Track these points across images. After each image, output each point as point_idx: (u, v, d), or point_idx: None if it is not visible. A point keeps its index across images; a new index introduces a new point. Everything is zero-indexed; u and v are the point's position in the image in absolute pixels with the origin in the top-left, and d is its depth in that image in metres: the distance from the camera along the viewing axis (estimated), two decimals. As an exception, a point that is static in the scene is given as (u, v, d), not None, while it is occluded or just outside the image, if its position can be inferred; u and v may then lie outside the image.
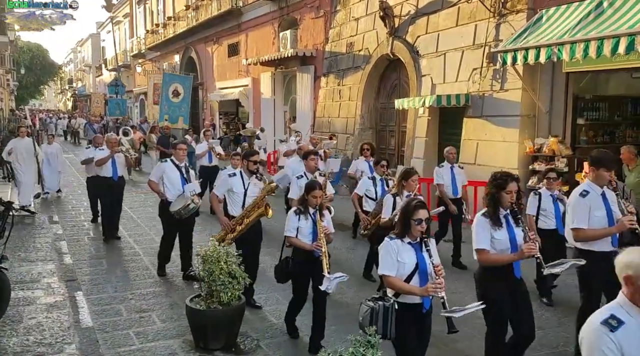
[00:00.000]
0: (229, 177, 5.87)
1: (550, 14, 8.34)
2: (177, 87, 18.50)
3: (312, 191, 4.80)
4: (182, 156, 6.95)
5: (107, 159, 8.71)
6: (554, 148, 8.55)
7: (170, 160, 6.96)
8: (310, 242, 4.80)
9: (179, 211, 6.57)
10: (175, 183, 6.80)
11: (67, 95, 72.65)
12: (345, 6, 14.73)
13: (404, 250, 3.58)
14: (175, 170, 6.87)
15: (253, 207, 5.68)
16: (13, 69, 36.35)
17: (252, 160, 5.88)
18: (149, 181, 7.07)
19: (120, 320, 5.62)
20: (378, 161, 7.10)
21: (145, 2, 33.22)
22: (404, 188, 5.69)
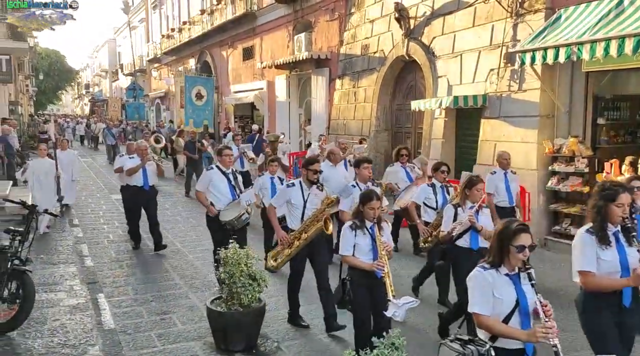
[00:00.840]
0: (287, 187, 5.46)
1: (569, 14, 8.26)
2: (199, 89, 18.11)
3: (369, 202, 4.27)
4: (228, 162, 6.53)
5: (137, 168, 8.30)
6: (573, 149, 8.45)
7: (216, 166, 6.53)
8: (369, 260, 4.28)
9: (231, 221, 6.11)
10: (223, 192, 6.39)
11: (84, 100, 73.64)
12: (360, 8, 14.73)
13: (501, 283, 2.93)
14: (222, 177, 6.44)
15: (312, 221, 5.24)
16: (32, 75, 36.89)
17: (312, 169, 5.36)
18: (196, 192, 6.63)
19: (142, 322, 5.67)
20: (438, 167, 6.46)
21: (161, 7, 33.56)
22: (467, 198, 5.09)
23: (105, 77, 57.36)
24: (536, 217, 8.81)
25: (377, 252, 4.26)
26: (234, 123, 24.22)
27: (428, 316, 5.63)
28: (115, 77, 50.84)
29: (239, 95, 22.76)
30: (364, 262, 4.28)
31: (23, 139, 22.25)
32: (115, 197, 13.72)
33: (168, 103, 34.05)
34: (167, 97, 33.71)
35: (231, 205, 6.31)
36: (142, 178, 8.40)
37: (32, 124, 30.72)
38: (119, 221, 10.79)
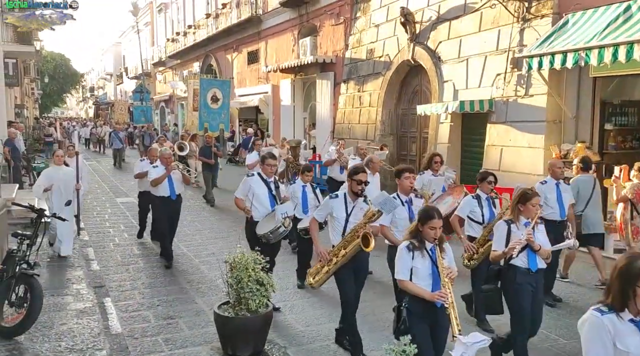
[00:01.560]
0: (330, 199, 5.02)
1: (576, 19, 8.25)
2: (215, 92, 17.00)
3: (429, 221, 3.77)
4: (270, 171, 6.09)
5: (162, 178, 7.77)
6: (581, 154, 8.41)
7: (258, 174, 6.10)
8: (429, 287, 3.77)
9: (267, 235, 5.70)
10: (263, 202, 5.95)
11: (89, 103, 73.90)
12: (366, 13, 14.75)
13: (625, 331, 2.40)
14: (262, 186, 6.01)
15: (352, 236, 4.77)
16: (37, 78, 37.04)
17: (357, 180, 4.86)
18: (235, 199, 6.20)
19: (149, 327, 5.67)
20: (484, 177, 5.82)
21: (166, 11, 33.70)
22: (520, 214, 4.55)
23: (110, 80, 57.58)
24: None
25: (439, 278, 3.75)
26: (238, 126, 24.27)
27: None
28: (119, 81, 51.02)
29: (243, 99, 22.81)
30: (423, 290, 3.77)
31: (29, 142, 22.30)
32: (120, 200, 13.76)
33: (172, 107, 34.16)
34: (172, 101, 33.82)
35: (269, 217, 5.88)
36: (168, 188, 7.88)
37: (38, 127, 30.80)
38: (125, 224, 10.80)
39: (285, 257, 8.46)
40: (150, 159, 8.94)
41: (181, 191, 8.14)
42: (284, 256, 8.60)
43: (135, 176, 9.38)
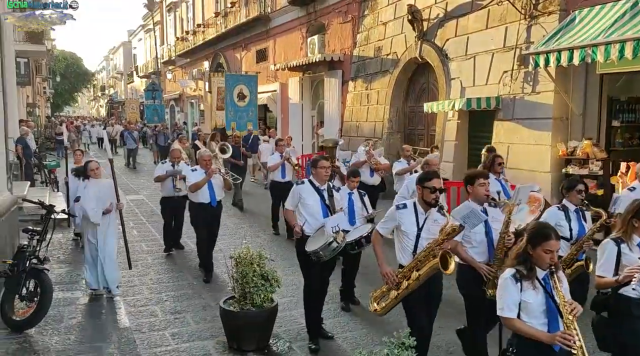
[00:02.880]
0: (397, 209, 4.21)
1: (583, 15, 8.22)
2: (242, 88, 16.08)
3: (544, 242, 3.04)
4: (324, 176, 5.21)
5: (202, 183, 7.10)
6: (587, 151, 8.40)
7: (309, 181, 5.27)
8: (544, 326, 3.03)
9: (317, 251, 4.90)
10: (314, 213, 5.14)
11: (100, 102, 74.51)
12: (373, 10, 14.76)
13: None
14: (314, 194, 5.17)
15: (426, 255, 4.02)
16: (49, 77, 37.49)
17: (430, 187, 4.09)
18: (285, 211, 5.43)
19: (156, 321, 5.76)
20: (573, 185, 4.91)
21: (176, 10, 33.88)
22: (634, 231, 3.78)
23: (121, 79, 58.04)
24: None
25: (558, 315, 2.98)
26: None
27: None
28: (130, 79, 51.41)
29: (252, 97, 22.87)
30: (540, 331, 3.01)
31: (40, 141, 22.58)
32: (130, 197, 13.90)
33: (182, 105, 34.37)
34: (182, 99, 34.03)
35: (320, 231, 5.10)
36: (208, 194, 7.22)
37: (49, 126, 31.16)
38: (134, 222, 10.92)
39: (291, 252, 8.52)
40: (172, 161, 8.33)
41: (222, 197, 7.46)
42: (289, 251, 8.69)
43: (155, 179, 8.55)
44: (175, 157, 8.40)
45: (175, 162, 8.28)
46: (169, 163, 8.38)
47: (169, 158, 8.54)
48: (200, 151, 7.84)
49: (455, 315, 5.30)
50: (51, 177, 14.00)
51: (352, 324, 5.71)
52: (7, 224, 6.93)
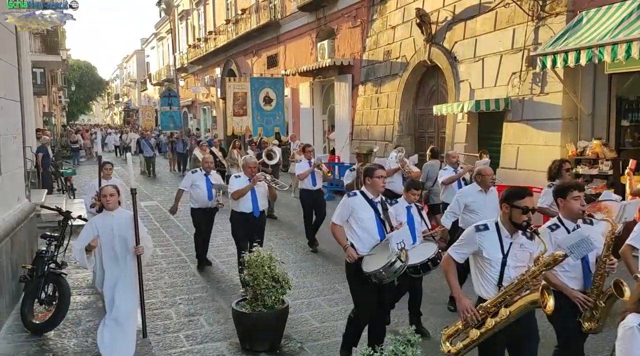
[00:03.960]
0: (476, 230, 3.51)
1: (590, 16, 8.24)
2: (268, 92, 15.26)
3: None
4: (381, 187, 4.63)
5: (246, 191, 6.66)
6: (597, 151, 8.41)
7: (361, 193, 4.67)
8: None
9: (378, 273, 4.30)
10: (369, 229, 4.55)
11: (114, 110, 75.42)
12: (382, 15, 14.87)
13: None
14: (368, 208, 4.59)
15: (518, 288, 3.35)
16: (64, 86, 38.08)
17: (521, 206, 3.37)
18: (332, 226, 4.73)
19: (171, 323, 5.89)
20: None
21: (187, 18, 34.29)
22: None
23: (134, 87, 58.75)
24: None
25: None
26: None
27: None
28: (143, 87, 52.01)
29: (263, 103, 23.06)
30: None
31: (57, 149, 22.95)
32: (144, 203, 14.11)
33: (195, 112, 34.73)
34: (194, 106, 34.39)
35: (378, 248, 4.51)
36: (251, 203, 6.75)
37: (65, 134, 31.66)
38: (149, 227, 11.07)
39: (302, 256, 8.65)
40: (204, 170, 7.93)
41: (265, 207, 6.98)
42: (301, 255, 8.81)
43: (180, 189, 8.06)
44: (208, 166, 7.99)
45: (208, 170, 7.92)
46: (201, 172, 7.94)
47: (201, 167, 8.09)
48: (246, 157, 7.21)
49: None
50: (67, 184, 14.28)
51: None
52: (26, 230, 7.12)
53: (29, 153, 11.81)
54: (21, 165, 8.01)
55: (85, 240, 4.53)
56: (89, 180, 18.72)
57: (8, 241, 5.95)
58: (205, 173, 7.89)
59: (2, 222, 5.95)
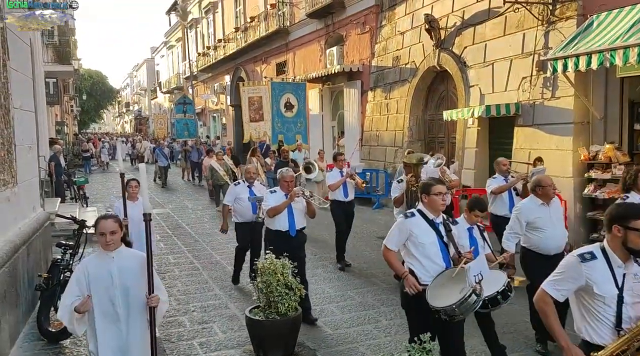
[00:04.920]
0: (582, 261, 2.87)
1: (601, 20, 8.21)
2: (289, 98, 14.42)
3: None
4: (440, 205, 3.97)
5: (283, 207, 5.98)
6: (610, 155, 8.34)
7: (418, 211, 4.03)
8: None
9: (449, 309, 3.67)
10: (430, 254, 3.92)
11: (125, 118, 76.05)
12: (391, 21, 14.91)
13: None
14: (428, 230, 3.96)
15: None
16: (76, 95, 38.48)
17: (637, 227, 2.77)
18: (384, 250, 4.09)
19: (184, 331, 5.92)
20: None
21: (197, 26, 34.58)
22: None
23: (144, 95, 59.24)
24: (573, 225, 8.70)
25: None
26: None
27: None
28: (153, 95, 52.44)
29: (273, 110, 23.15)
30: None
31: (69, 158, 23.15)
32: (156, 211, 14.21)
33: (205, 119, 34.93)
34: (204, 113, 34.59)
35: (444, 277, 3.88)
36: (287, 220, 6.06)
37: (77, 143, 31.97)
38: (161, 235, 11.17)
39: (314, 262, 8.65)
40: (247, 181, 7.40)
41: (303, 225, 6.22)
42: (312, 262, 8.81)
43: (224, 203, 7.56)
44: (250, 176, 7.38)
45: (251, 182, 7.37)
46: (244, 183, 7.41)
47: (243, 177, 7.60)
48: (282, 170, 6.38)
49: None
50: (80, 192, 14.42)
51: (375, 332, 5.78)
52: (41, 239, 7.20)
53: (43, 163, 11.96)
54: (36, 174, 8.12)
55: (74, 295, 3.37)
56: (100, 188, 19.04)
57: (24, 250, 6.02)
58: (249, 184, 7.34)
59: (18, 230, 6.03)
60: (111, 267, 3.41)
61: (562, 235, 5.11)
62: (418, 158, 7.57)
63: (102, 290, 3.39)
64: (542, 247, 5.01)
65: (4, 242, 5.39)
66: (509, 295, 4.22)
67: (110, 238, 3.39)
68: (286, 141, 14.10)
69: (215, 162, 14.50)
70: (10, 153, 5.87)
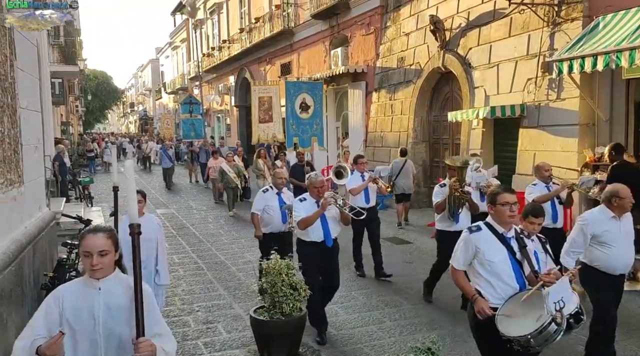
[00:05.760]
0: None
1: (607, 21, 8.18)
2: (304, 98, 13.68)
3: None
4: (509, 217, 3.53)
5: (315, 217, 5.52)
6: (616, 157, 8.31)
7: (486, 224, 3.61)
8: None
9: (523, 339, 3.24)
10: (502, 274, 3.47)
11: (130, 118, 76.29)
12: (396, 22, 14.91)
13: None
14: (498, 246, 3.52)
15: None
16: (81, 96, 38.64)
17: None
18: (452, 271, 3.70)
19: (189, 331, 5.94)
20: None
21: (202, 27, 34.67)
22: None
23: (149, 95, 59.41)
24: None
25: None
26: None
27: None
28: (158, 96, 52.58)
29: (277, 110, 23.18)
30: None
31: (74, 158, 23.23)
32: (160, 211, 14.26)
33: (209, 120, 34.99)
34: (208, 114, 34.65)
35: (517, 301, 3.40)
36: (321, 230, 5.61)
37: (82, 143, 32.09)
38: (165, 234, 11.14)
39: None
40: (276, 187, 6.74)
41: (337, 234, 5.77)
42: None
43: (253, 214, 6.72)
44: (280, 182, 6.73)
45: (280, 189, 6.73)
46: (273, 190, 6.73)
47: (271, 184, 6.91)
48: (311, 175, 5.87)
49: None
50: (85, 192, 14.47)
51: (380, 333, 5.78)
52: (47, 238, 7.23)
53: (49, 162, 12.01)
54: (42, 174, 8.15)
55: (35, 333, 2.42)
56: (105, 188, 19.07)
57: (30, 249, 6.04)
58: (277, 191, 6.70)
59: (24, 230, 6.06)
60: (95, 299, 2.47)
61: (631, 253, 4.64)
62: (463, 161, 6.75)
63: (81, 332, 2.45)
64: (607, 264, 4.54)
65: (11, 241, 5.41)
66: (582, 318, 3.45)
67: (96, 263, 2.40)
68: (301, 144, 13.24)
69: (225, 164, 14.07)
70: (17, 153, 5.90)
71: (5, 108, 5.50)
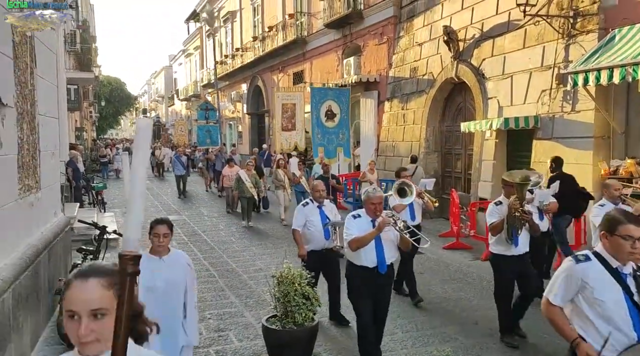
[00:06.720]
0: None
1: (623, 34, 8.15)
2: (330, 105, 12.82)
3: None
4: (628, 252, 2.76)
5: (370, 238, 4.72)
6: (631, 170, 8.26)
7: (595, 254, 2.92)
8: None
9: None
10: (614, 317, 2.79)
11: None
12: (409, 32, 14.94)
13: None
14: (611, 283, 2.81)
15: None
16: (95, 102, 39.03)
17: None
18: (547, 307, 2.98)
19: (201, 339, 5.91)
20: None
21: (215, 35, 34.96)
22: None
23: (162, 102, 59.91)
24: (594, 240, 8.57)
25: None
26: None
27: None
28: (171, 102, 52.99)
29: (289, 119, 23.26)
30: None
31: (87, 163, 23.43)
32: (172, 217, 14.32)
33: (221, 127, 35.17)
34: (221, 121, 34.84)
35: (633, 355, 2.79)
36: (374, 254, 4.82)
37: (95, 148, 32.35)
38: (177, 241, 11.24)
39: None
40: (316, 201, 6.23)
41: (394, 259, 5.01)
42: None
43: (294, 231, 6.23)
44: (319, 195, 6.15)
45: (320, 202, 6.20)
46: (313, 204, 6.23)
47: (311, 196, 6.39)
48: (369, 190, 4.99)
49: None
50: (99, 198, 14.60)
51: (392, 344, 5.75)
52: (62, 244, 7.30)
53: (63, 168, 12.14)
54: (58, 179, 8.24)
55: None
56: (118, 194, 19.20)
57: (46, 254, 6.11)
58: (318, 204, 6.20)
59: (40, 235, 6.13)
60: None
61: None
62: (523, 176, 5.75)
63: None
64: None
65: (27, 246, 5.48)
66: None
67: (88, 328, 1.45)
68: (326, 154, 12.35)
69: (243, 173, 13.26)
70: (35, 158, 5.98)
71: (25, 114, 5.58)
